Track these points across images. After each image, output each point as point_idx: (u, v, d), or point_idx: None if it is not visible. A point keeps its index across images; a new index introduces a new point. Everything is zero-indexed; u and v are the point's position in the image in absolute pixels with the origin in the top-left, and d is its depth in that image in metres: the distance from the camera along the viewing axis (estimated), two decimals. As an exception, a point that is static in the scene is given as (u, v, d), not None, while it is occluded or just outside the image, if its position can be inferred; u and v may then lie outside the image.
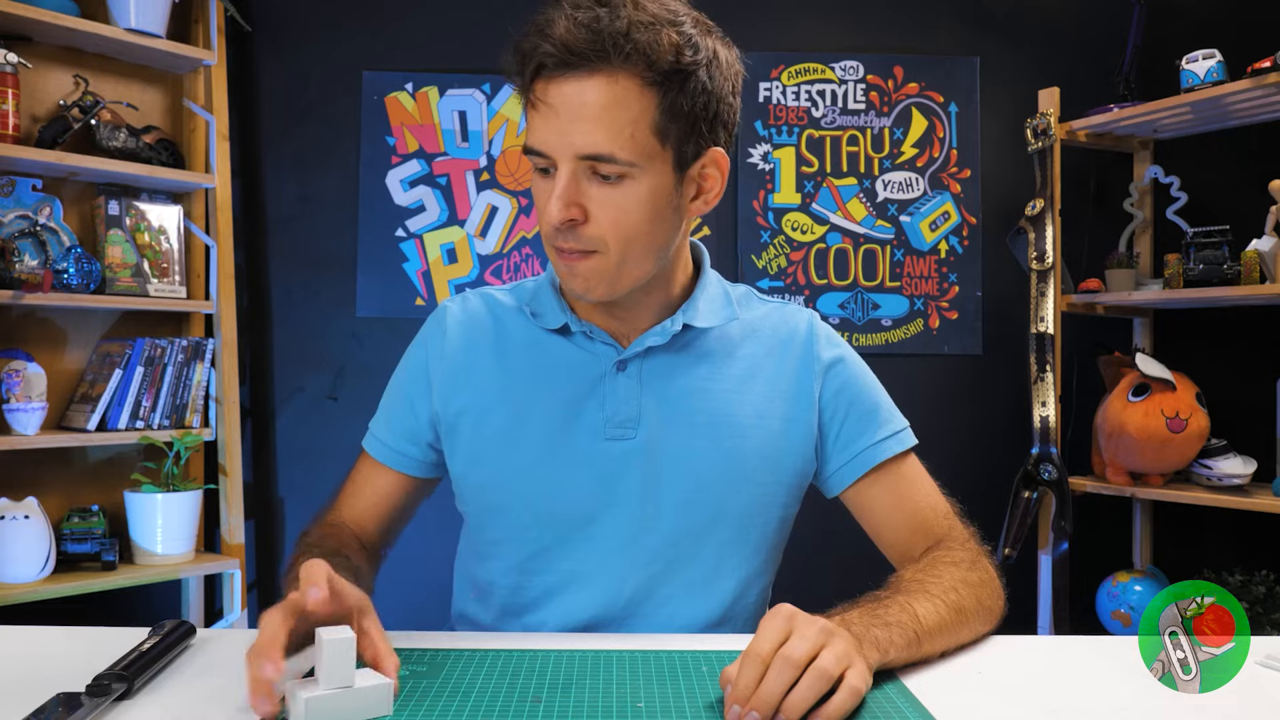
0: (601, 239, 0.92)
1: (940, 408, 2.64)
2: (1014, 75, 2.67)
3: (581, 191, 0.91)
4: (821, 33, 2.69)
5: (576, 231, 0.92)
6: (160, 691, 0.78)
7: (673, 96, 0.90)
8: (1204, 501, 2.23)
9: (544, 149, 0.91)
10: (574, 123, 0.88)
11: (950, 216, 2.68)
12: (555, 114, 0.89)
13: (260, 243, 2.64)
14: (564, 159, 0.90)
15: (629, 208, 0.92)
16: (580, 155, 0.89)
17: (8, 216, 2.18)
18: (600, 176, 0.91)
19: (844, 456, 1.05)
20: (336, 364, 2.62)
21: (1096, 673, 0.87)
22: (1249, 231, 2.24)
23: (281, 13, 2.63)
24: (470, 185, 2.64)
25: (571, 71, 0.87)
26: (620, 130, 0.88)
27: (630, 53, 0.87)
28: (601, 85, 0.88)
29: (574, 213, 0.91)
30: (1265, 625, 2.12)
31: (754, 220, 2.66)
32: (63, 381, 2.32)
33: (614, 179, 0.91)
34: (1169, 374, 2.25)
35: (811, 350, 1.06)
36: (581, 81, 0.88)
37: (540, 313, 1.05)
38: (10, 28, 2.17)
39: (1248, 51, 2.19)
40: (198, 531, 2.37)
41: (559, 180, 0.90)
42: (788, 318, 1.09)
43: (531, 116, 0.91)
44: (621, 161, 0.89)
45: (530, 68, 0.89)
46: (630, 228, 0.92)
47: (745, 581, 1.04)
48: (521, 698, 0.76)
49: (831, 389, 1.05)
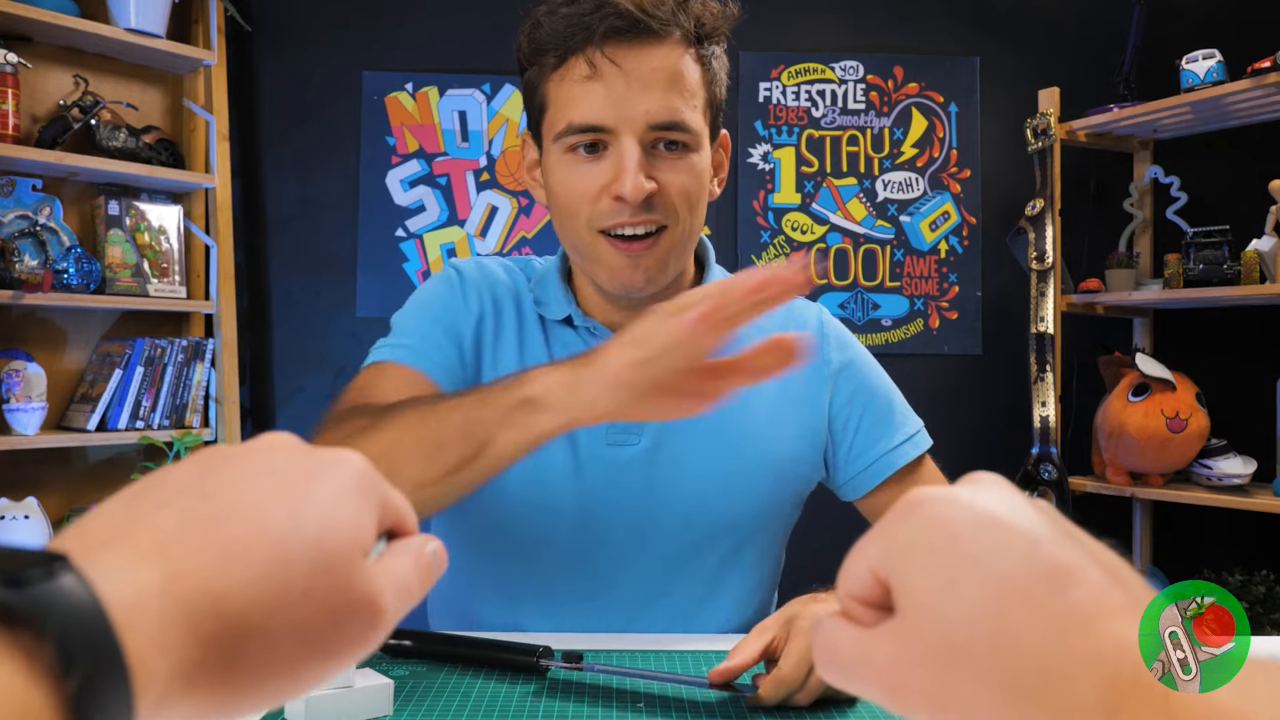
0: (674, 208, 0.88)
1: (940, 408, 2.63)
2: (1014, 75, 2.66)
3: (650, 164, 0.86)
4: (821, 33, 2.69)
5: (651, 203, 0.87)
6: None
7: (712, 69, 0.89)
8: (1204, 501, 2.23)
9: (604, 122, 0.85)
10: (646, 90, 0.84)
11: (950, 216, 2.68)
12: (625, 80, 0.84)
13: (260, 243, 2.64)
14: (631, 130, 0.85)
15: (693, 178, 0.88)
16: (654, 124, 0.85)
17: (8, 216, 2.18)
18: (666, 146, 0.87)
19: (860, 464, 1.01)
20: (336, 364, 2.62)
21: (1096, 673, 0.86)
22: (1249, 231, 2.24)
23: (281, 13, 2.63)
24: (470, 185, 2.64)
25: (643, 37, 0.84)
26: (690, 97, 0.86)
27: (691, 20, 0.86)
28: (671, 52, 0.86)
29: (651, 185, 0.85)
30: (1265, 625, 2.12)
31: (754, 220, 2.66)
32: (63, 381, 2.32)
33: (679, 149, 0.87)
34: (1169, 374, 2.25)
35: (822, 353, 1.02)
36: (653, 48, 0.85)
37: (545, 300, 0.99)
38: (10, 28, 2.17)
39: (1248, 51, 2.19)
40: (198, 531, 2.36)
41: (627, 153, 0.85)
42: (794, 314, 1.04)
43: (583, 89, 0.85)
44: (691, 130, 0.87)
45: (595, 30, 0.84)
46: (695, 197, 0.89)
47: (749, 592, 1.03)
48: (521, 698, 0.76)
49: (843, 395, 1.01)
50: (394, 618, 0.32)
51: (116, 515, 0.28)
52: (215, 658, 0.27)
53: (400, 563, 0.33)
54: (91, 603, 0.24)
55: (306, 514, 0.30)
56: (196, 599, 0.27)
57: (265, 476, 0.31)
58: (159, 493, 0.30)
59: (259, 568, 0.28)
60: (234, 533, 0.28)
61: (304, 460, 0.33)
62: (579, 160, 0.88)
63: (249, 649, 0.28)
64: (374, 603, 0.31)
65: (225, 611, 0.27)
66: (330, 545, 0.30)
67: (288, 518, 0.30)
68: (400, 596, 0.33)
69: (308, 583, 0.29)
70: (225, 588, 0.27)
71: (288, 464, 0.32)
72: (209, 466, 0.31)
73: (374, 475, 0.34)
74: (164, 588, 0.26)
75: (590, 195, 0.88)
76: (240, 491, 0.30)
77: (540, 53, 0.88)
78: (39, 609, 0.23)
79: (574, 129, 0.86)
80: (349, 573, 0.30)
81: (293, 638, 0.29)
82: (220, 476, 0.31)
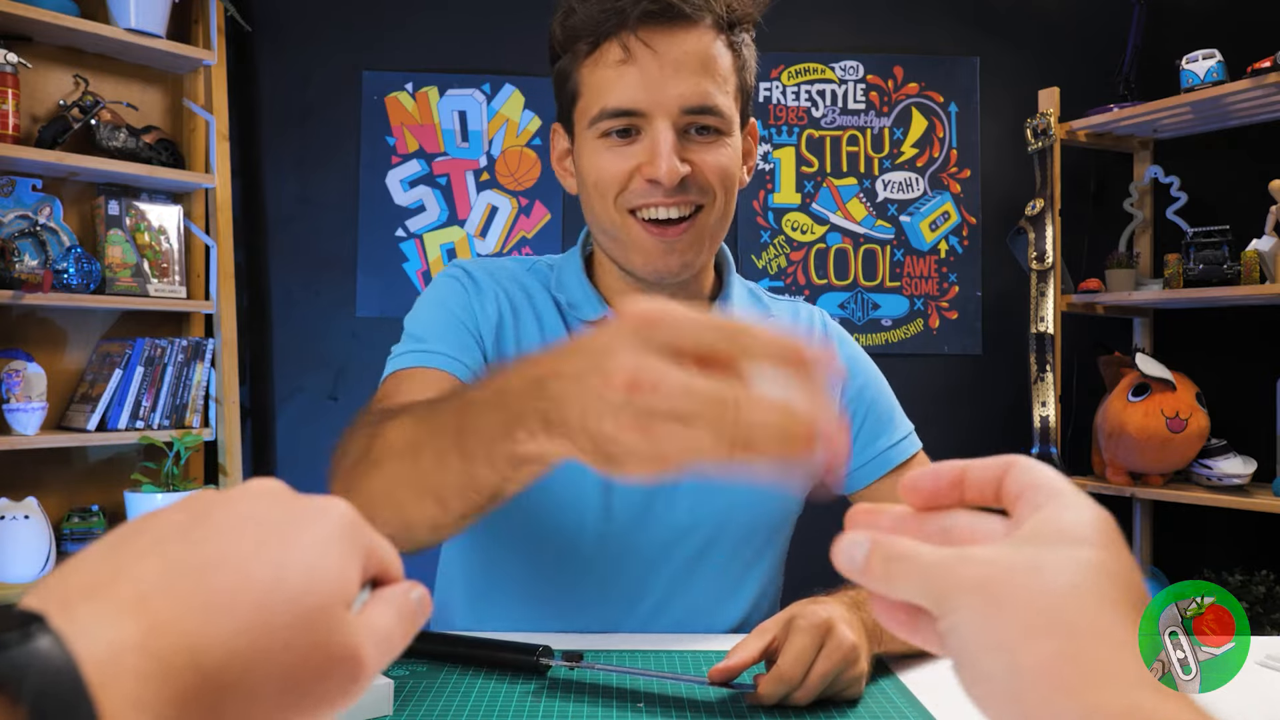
0: (710, 187, 0.90)
1: (940, 408, 2.64)
2: (1014, 75, 2.66)
3: (683, 148, 0.88)
4: (821, 33, 2.69)
5: (689, 184, 0.88)
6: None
7: (743, 56, 0.91)
8: (1204, 501, 2.23)
9: (639, 106, 0.86)
10: (680, 73, 0.85)
11: (950, 216, 2.68)
12: (659, 64, 0.85)
13: (260, 243, 2.64)
14: (664, 113, 0.86)
15: (725, 159, 0.90)
16: (687, 108, 0.86)
17: (8, 216, 2.18)
18: (698, 131, 0.88)
19: (863, 458, 1.04)
20: (336, 364, 2.62)
21: (1096, 672, 0.86)
22: (1249, 231, 2.24)
23: (281, 13, 2.63)
24: (470, 185, 2.64)
25: (676, 21, 0.86)
26: (723, 82, 0.88)
27: (723, 8, 0.87)
28: (703, 36, 0.87)
29: (685, 169, 0.87)
30: (1265, 625, 2.12)
31: (754, 220, 2.66)
32: (63, 381, 2.31)
33: (711, 133, 0.89)
34: (1169, 374, 2.25)
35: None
36: (686, 32, 0.86)
37: (575, 301, 0.98)
38: (10, 28, 2.17)
39: (1248, 51, 2.19)
40: (198, 531, 2.36)
41: (661, 136, 0.86)
42: (798, 314, 1.09)
43: (618, 74, 0.86)
44: (724, 115, 0.88)
45: (630, 15, 0.85)
46: (730, 177, 0.91)
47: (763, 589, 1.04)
48: (521, 697, 0.76)
49: (852, 390, 1.04)
50: (375, 670, 0.32)
51: (101, 563, 0.28)
52: (193, 711, 0.27)
53: (383, 613, 0.34)
54: (67, 664, 0.24)
55: (291, 566, 0.30)
56: (175, 653, 0.27)
57: (251, 524, 0.31)
58: (144, 539, 0.30)
59: (242, 621, 0.28)
60: (218, 584, 0.28)
61: (290, 509, 0.33)
62: (613, 144, 0.89)
63: (227, 702, 0.28)
64: (355, 656, 0.31)
65: (204, 665, 0.27)
66: (313, 599, 0.30)
67: (272, 570, 0.30)
68: (381, 649, 0.33)
69: (289, 636, 0.29)
70: (206, 642, 0.27)
71: (273, 512, 0.32)
72: (196, 513, 0.31)
73: (359, 524, 0.35)
74: (142, 642, 0.26)
75: (622, 177, 0.89)
76: (226, 541, 0.30)
77: (574, 39, 0.89)
78: (14, 672, 0.23)
79: (608, 113, 0.87)
80: (331, 626, 0.30)
81: (272, 690, 0.29)
82: (207, 525, 0.31)
